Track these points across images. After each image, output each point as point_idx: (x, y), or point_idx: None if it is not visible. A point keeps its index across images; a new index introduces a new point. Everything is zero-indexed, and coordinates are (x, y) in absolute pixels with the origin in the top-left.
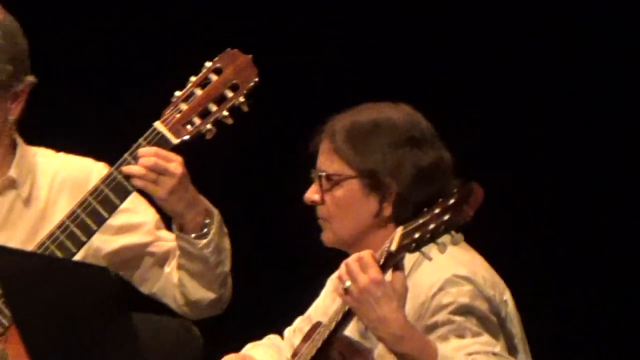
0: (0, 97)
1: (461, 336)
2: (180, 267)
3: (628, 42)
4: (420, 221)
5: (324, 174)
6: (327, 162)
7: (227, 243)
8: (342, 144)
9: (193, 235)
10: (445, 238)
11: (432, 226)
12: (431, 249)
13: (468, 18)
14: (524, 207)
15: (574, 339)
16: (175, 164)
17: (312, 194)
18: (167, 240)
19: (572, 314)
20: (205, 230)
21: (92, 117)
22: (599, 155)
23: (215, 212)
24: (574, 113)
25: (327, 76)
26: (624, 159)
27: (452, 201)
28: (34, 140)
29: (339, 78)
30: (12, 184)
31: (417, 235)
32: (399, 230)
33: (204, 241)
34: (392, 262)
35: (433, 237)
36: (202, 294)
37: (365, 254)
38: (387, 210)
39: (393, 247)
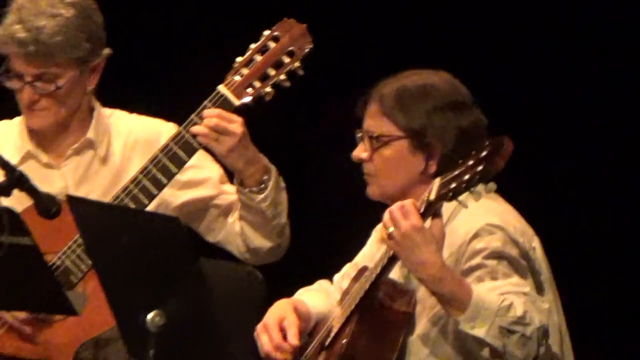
0: (80, 72)
1: (494, 278)
2: (241, 218)
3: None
4: (456, 172)
5: (373, 134)
6: (376, 124)
7: (283, 197)
8: (391, 107)
9: (252, 189)
10: (479, 187)
11: (467, 176)
12: (467, 198)
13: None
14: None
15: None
16: (236, 125)
17: (359, 152)
18: (230, 193)
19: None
20: (263, 185)
21: (163, 81)
22: None
23: (273, 169)
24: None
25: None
26: None
27: (484, 153)
28: (110, 102)
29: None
30: (90, 145)
31: (453, 185)
32: (437, 181)
33: (262, 195)
34: (431, 210)
35: (468, 186)
36: (261, 242)
37: (407, 202)
38: (432, 168)
39: (432, 197)
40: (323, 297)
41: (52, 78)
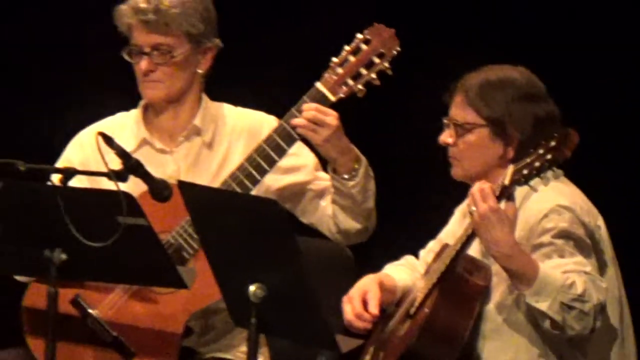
0: (192, 50)
1: (560, 256)
2: (333, 201)
3: None
4: (528, 160)
5: (460, 122)
6: (461, 113)
7: (372, 185)
8: (475, 98)
9: (344, 176)
10: (548, 173)
11: (537, 164)
12: (537, 183)
13: None
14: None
15: None
16: (332, 118)
17: (446, 137)
18: (324, 179)
19: None
20: (354, 173)
21: (265, 77)
22: None
23: (364, 159)
24: None
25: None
26: None
27: (553, 143)
28: (218, 96)
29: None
30: (197, 131)
31: (525, 172)
32: (511, 168)
33: (353, 182)
34: (505, 193)
35: (538, 173)
36: (351, 224)
37: (486, 186)
38: (510, 154)
39: (506, 181)
40: (409, 271)
41: (167, 50)
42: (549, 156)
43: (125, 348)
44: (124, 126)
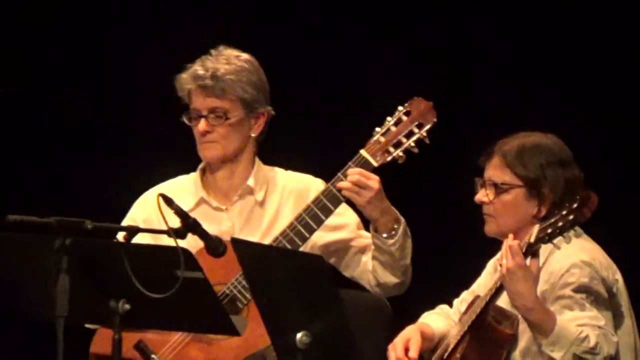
0: (245, 114)
1: (578, 309)
2: (373, 257)
3: None
4: (552, 220)
5: (497, 182)
6: (499, 174)
7: (409, 243)
8: (513, 161)
9: (384, 235)
10: (570, 232)
11: (560, 224)
12: (559, 241)
13: None
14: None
15: None
16: (374, 182)
17: (482, 196)
18: (365, 237)
19: None
20: (394, 232)
21: (314, 145)
22: None
23: (402, 220)
24: None
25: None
26: None
27: (575, 205)
28: (271, 160)
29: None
30: (250, 191)
31: (549, 231)
32: (537, 227)
33: (392, 241)
34: (530, 250)
35: (561, 232)
36: (389, 278)
37: (514, 243)
38: (542, 213)
39: (532, 240)
40: (444, 319)
41: (222, 113)
42: (571, 217)
43: None
44: (184, 187)
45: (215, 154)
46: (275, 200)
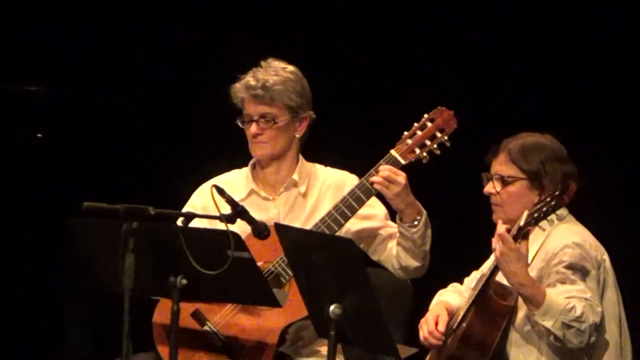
0: (291, 118)
1: (568, 283)
2: (398, 244)
3: None
4: (538, 206)
5: (504, 175)
6: (505, 168)
7: (429, 232)
8: (517, 157)
9: (408, 224)
10: (552, 216)
11: (544, 209)
12: (544, 224)
13: None
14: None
15: None
16: (402, 178)
17: (490, 188)
18: (392, 227)
19: None
20: (416, 222)
21: (350, 144)
22: None
23: (424, 212)
24: None
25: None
26: None
27: (556, 194)
28: (312, 157)
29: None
30: (295, 184)
31: (535, 215)
32: (525, 213)
33: (415, 229)
34: (521, 233)
35: (545, 216)
36: (411, 262)
37: (502, 230)
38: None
39: (522, 223)
40: (458, 296)
41: (271, 118)
42: (553, 203)
43: (232, 352)
44: (237, 180)
45: (265, 153)
46: (316, 192)
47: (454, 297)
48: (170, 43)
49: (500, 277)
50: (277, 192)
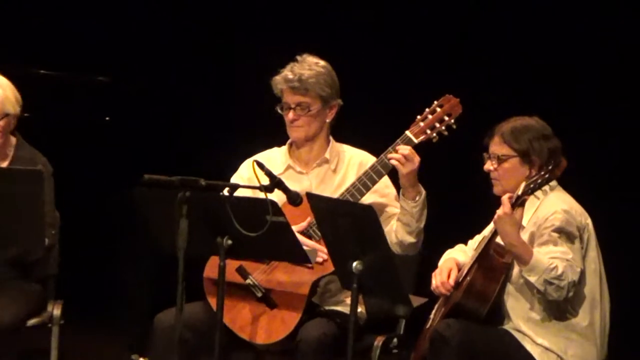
0: (322, 106)
1: (554, 245)
2: (397, 219)
3: None
4: (534, 178)
5: (499, 154)
6: (499, 148)
7: (425, 211)
8: (509, 138)
9: (409, 200)
10: (545, 187)
11: (539, 181)
12: (538, 193)
13: None
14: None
15: None
16: (417, 159)
17: (489, 166)
18: (396, 207)
19: None
20: (417, 200)
21: (372, 126)
22: None
23: (424, 192)
24: None
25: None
26: None
27: (550, 168)
28: (340, 138)
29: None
30: (326, 161)
31: (532, 186)
32: (523, 184)
33: (414, 204)
34: (518, 201)
35: (540, 186)
36: (406, 237)
37: (506, 198)
38: (533, 174)
39: (520, 192)
40: (463, 254)
41: (306, 106)
42: (547, 176)
43: (270, 301)
44: (277, 156)
45: (300, 135)
46: (343, 168)
47: (461, 254)
48: (224, 41)
49: (499, 239)
50: (310, 167)
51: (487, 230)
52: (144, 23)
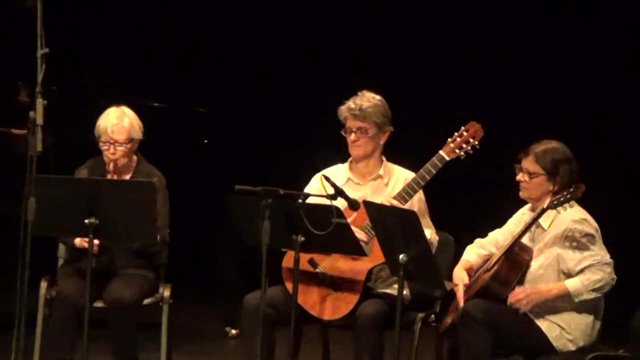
0: (377, 131)
1: (581, 249)
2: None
3: None
4: (558, 197)
5: (530, 171)
6: (531, 166)
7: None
8: (540, 159)
9: None
10: (566, 204)
11: (562, 199)
12: (560, 209)
13: None
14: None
15: None
16: None
17: (521, 177)
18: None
19: None
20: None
21: (413, 147)
22: None
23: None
24: None
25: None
26: None
27: (572, 190)
28: (390, 158)
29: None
30: (380, 177)
31: (555, 202)
32: (548, 199)
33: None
34: (543, 213)
35: (562, 204)
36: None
37: (521, 297)
38: (555, 189)
39: (545, 206)
40: (477, 251)
41: (364, 130)
42: (569, 196)
43: (334, 285)
44: (340, 170)
45: (359, 153)
46: (393, 182)
47: (474, 254)
48: (301, 76)
49: (524, 240)
50: (366, 180)
51: (508, 224)
52: (233, 65)
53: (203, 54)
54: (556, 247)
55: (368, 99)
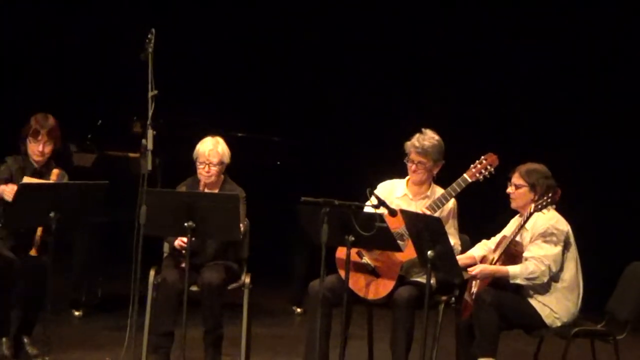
0: (433, 164)
1: (537, 245)
2: None
3: None
4: (540, 202)
5: (516, 184)
6: (517, 180)
7: None
8: (524, 175)
9: None
10: (546, 208)
11: (543, 204)
12: (543, 211)
13: None
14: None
15: None
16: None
17: (510, 190)
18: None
19: None
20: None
21: (445, 173)
22: None
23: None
24: None
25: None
26: None
27: (550, 195)
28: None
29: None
30: (427, 197)
31: (538, 207)
32: (532, 205)
33: None
34: (529, 217)
35: (542, 208)
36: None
37: (478, 271)
38: (535, 198)
39: (531, 210)
40: (482, 247)
41: (423, 164)
42: (549, 200)
43: (376, 273)
44: (399, 185)
45: (417, 179)
46: (434, 198)
47: (480, 250)
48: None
49: (518, 238)
50: (417, 198)
51: (508, 231)
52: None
53: (277, 95)
54: (533, 242)
55: (429, 139)
